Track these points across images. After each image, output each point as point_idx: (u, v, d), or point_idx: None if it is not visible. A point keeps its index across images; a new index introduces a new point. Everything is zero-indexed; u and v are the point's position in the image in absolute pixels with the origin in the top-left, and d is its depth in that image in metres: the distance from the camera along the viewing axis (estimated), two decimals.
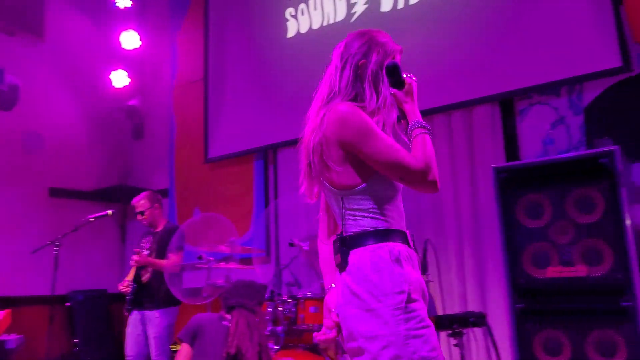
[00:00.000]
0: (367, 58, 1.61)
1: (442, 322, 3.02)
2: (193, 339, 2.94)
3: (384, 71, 1.59)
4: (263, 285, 3.21)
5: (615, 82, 3.62)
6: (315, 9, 5.01)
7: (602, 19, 3.62)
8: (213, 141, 5.52)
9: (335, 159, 1.51)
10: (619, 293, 2.79)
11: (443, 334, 3.31)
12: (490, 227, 3.72)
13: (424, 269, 3.29)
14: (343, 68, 1.61)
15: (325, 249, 1.68)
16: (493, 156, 3.88)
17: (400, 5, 4.50)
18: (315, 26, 4.99)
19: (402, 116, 1.59)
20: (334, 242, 1.55)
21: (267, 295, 3.48)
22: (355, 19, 4.73)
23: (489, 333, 3.01)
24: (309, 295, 3.36)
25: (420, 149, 1.49)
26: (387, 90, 1.58)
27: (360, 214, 1.52)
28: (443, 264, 3.88)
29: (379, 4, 4.62)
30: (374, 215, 1.51)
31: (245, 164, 5.30)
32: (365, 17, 4.68)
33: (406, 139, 1.56)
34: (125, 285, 4.02)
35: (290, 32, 5.14)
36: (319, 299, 3.31)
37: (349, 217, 1.52)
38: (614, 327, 2.79)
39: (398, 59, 1.66)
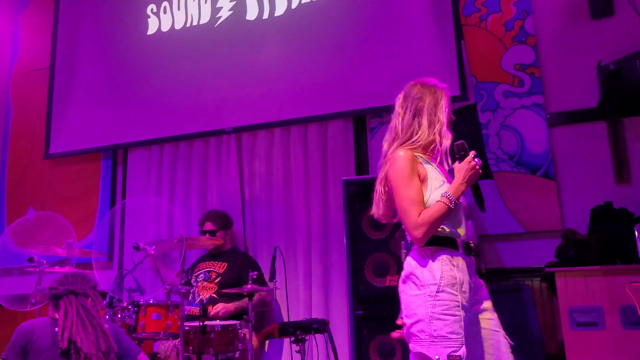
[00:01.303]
0: (423, 100, 2.11)
1: (286, 329, 3.05)
2: (24, 355, 2.39)
3: (446, 125, 2.11)
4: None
5: (455, 109, 3.98)
6: (178, 9, 4.87)
7: (446, 51, 3.97)
8: (56, 136, 5.07)
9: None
10: None
11: (286, 340, 3.35)
12: (338, 236, 3.86)
13: (272, 276, 3.30)
14: (404, 114, 2.11)
15: None
16: (345, 169, 4.03)
17: (265, 15, 4.55)
18: (178, 26, 4.84)
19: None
20: (405, 247, 2.06)
21: (106, 301, 3.26)
22: (220, 24, 4.69)
23: (329, 339, 3.10)
24: (151, 301, 3.21)
25: (430, 212, 1.93)
26: (443, 115, 2.08)
27: None
28: (291, 272, 3.94)
29: (244, 12, 4.62)
30: None
31: (91, 163, 4.94)
32: (230, 23, 4.65)
33: (448, 167, 2.09)
34: None
35: (151, 29, 4.93)
36: (162, 305, 3.17)
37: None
38: None
39: (447, 96, 2.14)
